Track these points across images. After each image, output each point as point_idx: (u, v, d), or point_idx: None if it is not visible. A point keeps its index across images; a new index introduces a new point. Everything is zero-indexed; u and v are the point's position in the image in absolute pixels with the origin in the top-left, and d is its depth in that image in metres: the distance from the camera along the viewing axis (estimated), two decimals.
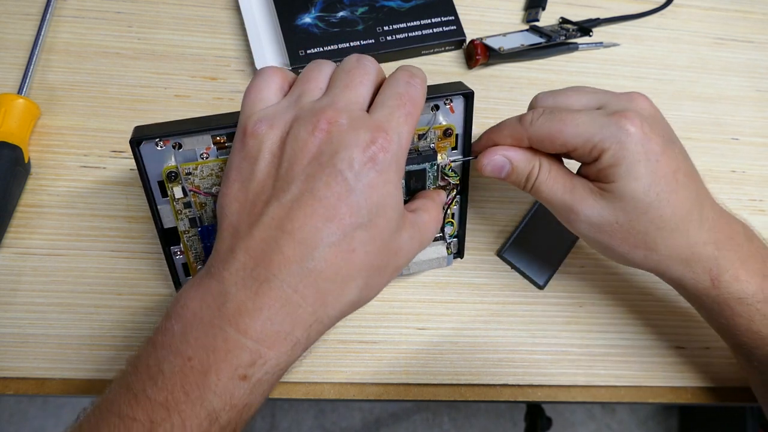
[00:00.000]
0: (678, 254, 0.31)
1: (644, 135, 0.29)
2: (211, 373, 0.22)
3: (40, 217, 0.38)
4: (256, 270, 0.24)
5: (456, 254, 0.39)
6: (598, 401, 0.39)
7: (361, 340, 0.38)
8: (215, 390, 0.22)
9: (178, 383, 0.22)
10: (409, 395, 0.38)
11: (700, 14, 0.51)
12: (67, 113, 0.41)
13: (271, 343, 0.23)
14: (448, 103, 0.33)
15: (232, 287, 0.24)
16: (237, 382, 0.23)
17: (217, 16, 0.45)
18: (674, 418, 1.16)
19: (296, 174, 0.25)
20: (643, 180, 0.29)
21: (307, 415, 1.09)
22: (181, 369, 0.22)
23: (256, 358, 0.23)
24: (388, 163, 0.25)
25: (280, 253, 0.24)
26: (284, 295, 0.24)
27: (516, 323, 0.40)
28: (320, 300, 0.25)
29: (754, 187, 0.46)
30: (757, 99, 0.49)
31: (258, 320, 0.23)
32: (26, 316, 0.36)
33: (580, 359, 0.39)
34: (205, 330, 0.23)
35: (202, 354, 0.23)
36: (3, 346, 0.35)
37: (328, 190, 0.24)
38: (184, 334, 0.23)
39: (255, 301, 0.23)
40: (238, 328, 0.23)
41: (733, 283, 0.31)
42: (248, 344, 0.23)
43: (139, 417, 0.22)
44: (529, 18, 0.48)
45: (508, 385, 0.39)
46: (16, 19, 0.43)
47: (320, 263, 0.24)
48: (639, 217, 0.30)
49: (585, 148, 0.30)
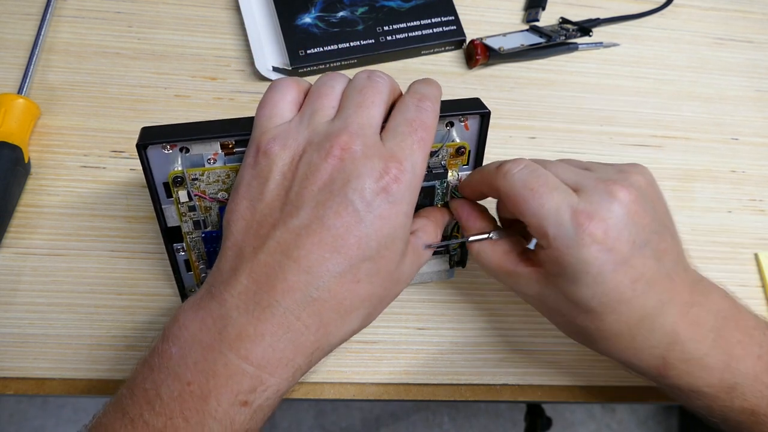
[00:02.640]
0: (620, 353, 0.29)
1: (604, 245, 0.26)
2: (211, 399, 0.22)
3: (40, 217, 0.38)
4: (258, 294, 0.24)
5: (458, 263, 0.39)
6: (598, 401, 0.39)
7: (361, 340, 0.38)
8: (215, 416, 0.22)
9: (177, 408, 0.22)
10: (409, 395, 0.38)
11: (700, 14, 0.51)
12: (67, 113, 0.41)
13: (273, 369, 0.23)
14: (464, 120, 0.32)
15: (234, 311, 0.23)
16: (238, 408, 0.22)
17: (217, 16, 0.45)
18: (674, 418, 1.16)
19: (306, 200, 0.24)
20: (588, 289, 0.26)
21: (307, 415, 1.09)
22: (180, 394, 0.22)
23: (257, 384, 0.23)
24: (401, 195, 0.25)
25: (284, 280, 0.24)
26: (287, 322, 0.23)
27: (516, 323, 0.40)
28: (323, 329, 0.24)
29: (754, 187, 0.46)
30: (757, 99, 0.49)
31: (260, 346, 0.23)
32: (26, 316, 0.36)
33: (580, 359, 0.39)
34: (205, 354, 0.23)
35: (201, 379, 0.22)
36: (3, 346, 0.35)
37: (338, 219, 0.24)
38: (182, 357, 0.23)
39: (257, 327, 0.23)
40: (239, 353, 0.23)
41: (684, 377, 0.28)
42: (249, 370, 0.23)
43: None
44: (529, 18, 0.48)
45: (508, 385, 0.38)
46: (16, 19, 0.43)
47: (324, 293, 0.24)
48: (578, 315, 0.28)
49: (537, 232, 0.27)
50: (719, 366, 0.28)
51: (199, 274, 0.34)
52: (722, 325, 0.28)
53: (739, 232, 0.44)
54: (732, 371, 0.28)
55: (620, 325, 0.27)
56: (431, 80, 0.29)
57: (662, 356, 0.28)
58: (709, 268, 0.43)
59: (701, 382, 0.28)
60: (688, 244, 0.43)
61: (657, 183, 0.30)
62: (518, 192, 0.27)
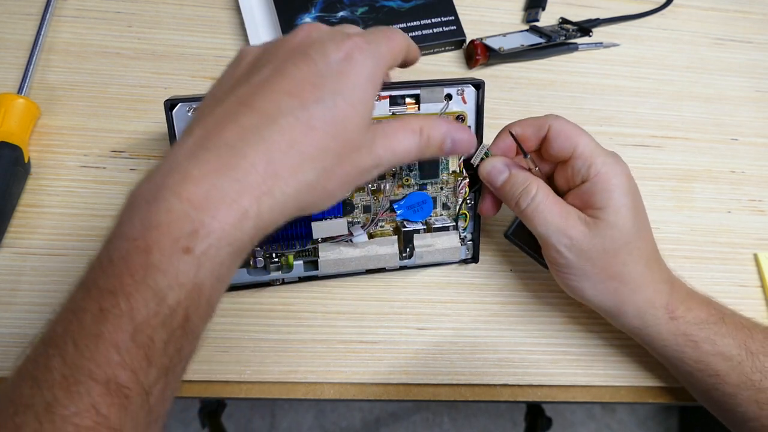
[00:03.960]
0: (642, 289, 0.34)
1: (630, 176, 0.33)
2: (154, 250, 0.21)
3: (40, 217, 0.38)
4: (207, 139, 0.23)
5: (471, 259, 0.39)
6: (598, 401, 0.39)
7: (361, 340, 0.38)
8: (159, 266, 0.21)
9: (125, 267, 0.21)
10: (409, 395, 0.38)
11: (700, 14, 0.51)
12: (67, 113, 0.41)
13: (215, 210, 0.22)
14: (461, 94, 0.35)
15: (182, 158, 0.23)
16: (180, 256, 0.21)
17: (217, 16, 0.45)
18: (674, 418, 1.16)
19: (270, 61, 0.25)
20: (629, 213, 0.32)
21: (307, 415, 1.09)
22: (127, 252, 0.21)
23: (198, 227, 0.21)
24: (363, 61, 0.25)
25: (235, 123, 0.23)
26: (233, 161, 0.22)
27: (516, 323, 0.40)
28: (272, 170, 0.23)
29: (753, 187, 0.46)
30: (757, 99, 0.49)
31: (201, 186, 0.22)
32: (26, 316, 0.36)
33: (580, 359, 0.39)
34: (149, 206, 0.22)
35: (145, 232, 0.21)
36: (3, 346, 0.35)
37: (296, 70, 0.24)
38: (130, 218, 0.22)
39: (201, 168, 0.22)
40: (181, 196, 0.22)
41: (687, 313, 0.34)
42: (190, 212, 0.21)
43: (90, 307, 0.21)
44: (529, 18, 0.48)
45: (508, 385, 0.39)
46: (16, 19, 0.43)
47: (275, 133, 0.23)
48: (621, 248, 0.33)
49: (585, 162, 0.32)
50: (704, 303, 0.35)
51: None
52: (688, 287, 0.36)
53: (739, 232, 0.44)
54: (714, 308, 0.35)
55: (648, 252, 0.34)
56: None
57: (668, 291, 0.34)
58: (708, 268, 0.43)
59: (702, 314, 0.34)
60: (687, 244, 0.44)
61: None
62: (572, 128, 0.33)
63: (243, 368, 0.37)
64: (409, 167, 0.36)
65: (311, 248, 0.36)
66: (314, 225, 0.34)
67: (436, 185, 0.37)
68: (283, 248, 0.35)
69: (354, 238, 0.35)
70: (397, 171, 0.36)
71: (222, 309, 0.38)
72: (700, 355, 0.34)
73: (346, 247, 0.36)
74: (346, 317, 0.39)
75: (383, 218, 0.37)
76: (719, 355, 0.34)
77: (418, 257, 0.37)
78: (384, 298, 0.39)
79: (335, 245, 0.36)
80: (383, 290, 0.39)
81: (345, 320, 0.38)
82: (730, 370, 0.34)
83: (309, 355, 0.38)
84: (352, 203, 0.36)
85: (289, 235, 0.35)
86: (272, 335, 0.38)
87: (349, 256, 0.36)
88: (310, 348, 0.38)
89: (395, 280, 0.40)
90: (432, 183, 0.37)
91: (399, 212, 0.37)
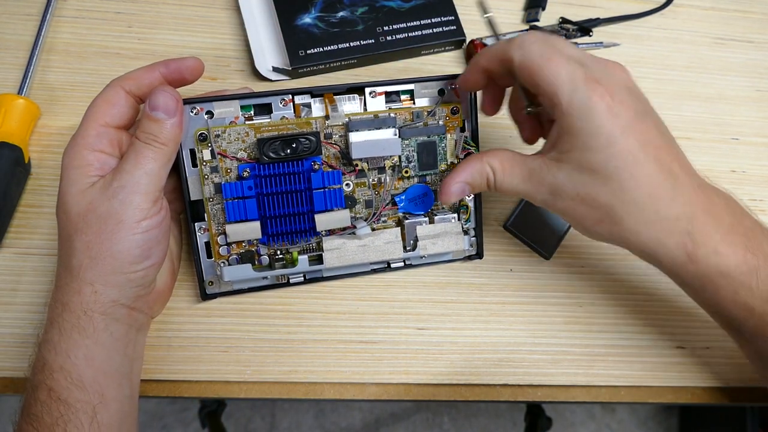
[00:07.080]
0: (646, 229, 0.30)
1: (609, 110, 0.28)
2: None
3: (40, 217, 0.38)
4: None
5: (475, 255, 0.40)
6: (598, 401, 0.39)
7: (361, 340, 0.38)
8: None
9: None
10: (409, 395, 0.38)
11: (700, 14, 0.51)
12: (67, 113, 0.41)
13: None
14: (453, 88, 0.36)
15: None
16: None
17: (217, 16, 0.45)
18: (674, 418, 1.16)
19: None
20: (601, 153, 0.28)
21: (307, 415, 1.09)
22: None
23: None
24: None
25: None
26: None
27: (516, 323, 0.40)
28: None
29: (754, 187, 0.46)
30: (757, 99, 0.49)
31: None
32: (26, 316, 0.36)
33: (580, 359, 0.39)
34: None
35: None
36: (3, 346, 0.36)
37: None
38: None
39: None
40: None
41: (712, 256, 0.30)
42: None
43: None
44: (529, 18, 0.48)
45: (508, 385, 0.39)
46: (16, 19, 0.43)
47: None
48: (599, 190, 0.29)
49: (549, 100, 0.29)
50: (741, 243, 0.30)
51: (218, 252, 0.36)
52: (733, 210, 0.31)
53: None
54: (753, 251, 0.30)
55: (641, 191, 0.29)
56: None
57: (687, 231, 0.29)
58: None
59: (729, 261, 0.30)
60: None
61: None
62: (534, 61, 0.29)
63: (243, 368, 0.37)
64: (408, 159, 0.36)
65: (315, 244, 0.36)
66: (317, 218, 0.35)
67: (435, 176, 0.37)
68: (287, 244, 0.36)
69: (357, 231, 0.36)
70: (397, 163, 0.36)
71: (222, 309, 0.38)
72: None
73: (349, 239, 0.36)
74: (346, 317, 0.39)
75: (385, 212, 0.37)
76: (742, 305, 0.31)
77: (422, 248, 0.37)
78: (384, 298, 0.39)
79: (339, 238, 0.36)
80: (383, 290, 0.39)
81: (345, 320, 0.39)
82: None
83: (309, 355, 0.38)
84: (353, 197, 0.36)
85: (293, 230, 0.35)
86: (272, 335, 0.38)
87: (353, 248, 0.36)
88: (310, 348, 0.38)
89: (395, 280, 0.40)
90: (432, 174, 0.37)
91: (401, 205, 0.37)
